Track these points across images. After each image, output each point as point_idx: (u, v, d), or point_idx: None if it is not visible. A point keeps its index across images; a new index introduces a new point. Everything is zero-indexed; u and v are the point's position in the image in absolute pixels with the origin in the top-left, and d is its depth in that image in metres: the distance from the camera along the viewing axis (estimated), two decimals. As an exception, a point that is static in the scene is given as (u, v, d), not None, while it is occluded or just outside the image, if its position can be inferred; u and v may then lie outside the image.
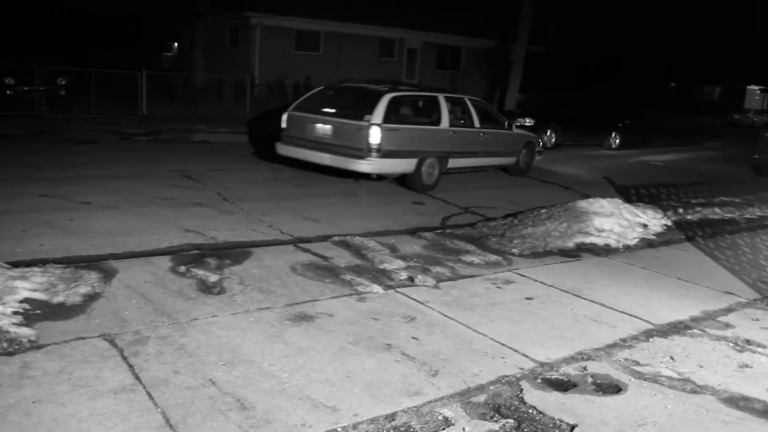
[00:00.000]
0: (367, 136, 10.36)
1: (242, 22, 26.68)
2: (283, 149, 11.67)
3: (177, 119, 18.15)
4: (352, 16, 27.40)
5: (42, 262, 5.80)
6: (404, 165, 10.97)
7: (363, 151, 10.40)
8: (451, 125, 11.78)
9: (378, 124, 10.37)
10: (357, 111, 10.88)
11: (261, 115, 18.52)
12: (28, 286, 5.12)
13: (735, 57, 50.79)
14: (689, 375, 4.51)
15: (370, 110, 10.50)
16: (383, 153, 10.47)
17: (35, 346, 4.21)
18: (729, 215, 10.66)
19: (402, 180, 11.47)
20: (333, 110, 11.40)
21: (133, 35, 32.27)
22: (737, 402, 4.17)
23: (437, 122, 11.59)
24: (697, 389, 4.31)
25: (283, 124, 11.73)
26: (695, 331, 5.40)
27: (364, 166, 10.48)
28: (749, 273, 7.36)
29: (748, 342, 5.23)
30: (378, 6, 28.52)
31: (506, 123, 13.48)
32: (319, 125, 11.08)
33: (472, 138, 12.34)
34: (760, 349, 5.09)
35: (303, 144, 11.24)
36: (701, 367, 4.67)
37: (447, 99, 12.01)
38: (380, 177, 11.37)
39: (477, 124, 12.41)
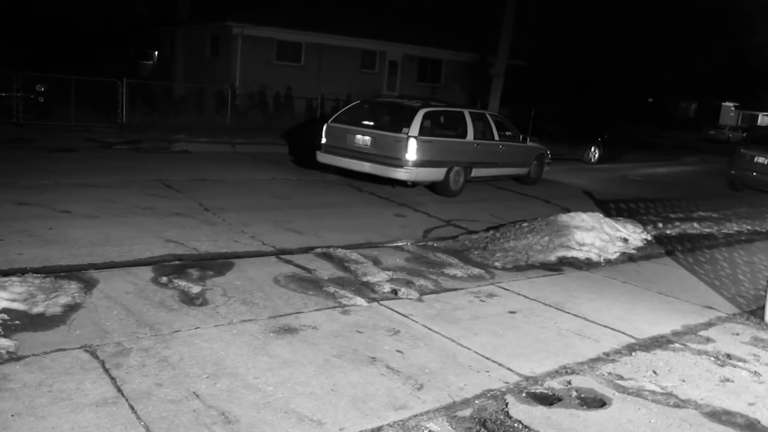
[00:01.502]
0: (405, 146, 11.42)
1: (223, 32, 26.62)
2: (324, 158, 12.58)
3: (157, 128, 18.01)
4: (334, 28, 27.47)
5: (21, 272, 5.71)
6: (436, 174, 12.07)
7: (401, 160, 11.46)
8: (475, 138, 12.94)
9: (415, 137, 11.45)
10: (394, 124, 11.96)
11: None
12: (7, 296, 5.04)
13: (711, 73, 51.61)
14: (672, 389, 4.54)
15: (408, 123, 11.59)
16: (419, 162, 11.53)
17: (14, 357, 4.14)
18: (707, 230, 10.79)
19: (431, 187, 12.54)
20: (371, 123, 12.35)
21: (113, 43, 32.05)
22: (720, 416, 4.20)
23: (463, 135, 12.73)
24: (680, 403, 4.33)
25: (323, 135, 12.56)
26: (677, 345, 5.44)
27: (402, 174, 11.53)
28: (728, 287, 7.44)
29: (728, 356, 5.27)
30: (359, 18, 28.64)
31: (521, 136, 14.61)
32: (359, 136, 12.02)
33: (493, 150, 13.54)
34: (740, 364, 5.14)
35: (343, 153, 12.20)
36: (684, 381, 4.70)
37: (471, 114, 13.14)
38: (414, 184, 12.22)
39: (496, 137, 13.59)
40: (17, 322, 4.67)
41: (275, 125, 20.94)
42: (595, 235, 8.58)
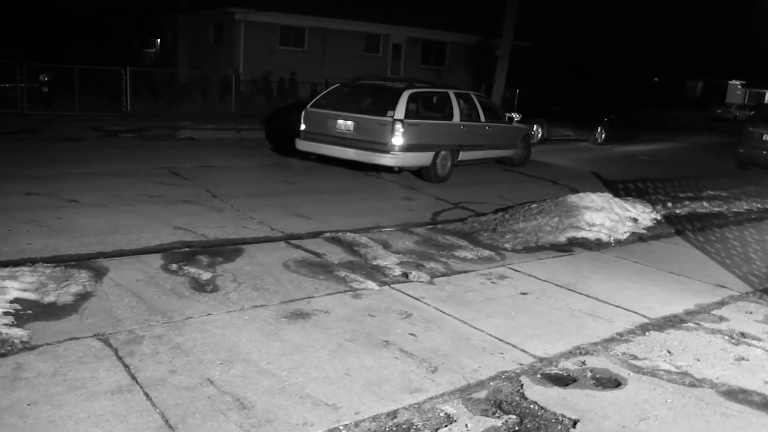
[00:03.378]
0: (390, 131, 10.81)
1: (226, 18, 26.49)
2: (304, 145, 11.90)
3: (161, 116, 17.97)
4: (337, 12, 27.30)
5: (31, 262, 5.71)
6: (423, 158, 11.49)
7: (387, 145, 10.85)
8: (462, 120, 12.42)
9: (401, 120, 10.82)
10: (378, 107, 11.39)
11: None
12: (18, 286, 5.04)
13: (717, 52, 51.20)
14: (687, 368, 4.51)
15: (392, 106, 10.95)
16: (405, 147, 10.92)
17: (28, 347, 4.13)
18: (717, 209, 10.73)
19: (417, 172, 11.95)
20: (353, 106, 11.76)
21: (115, 32, 31.93)
22: (736, 395, 4.17)
23: (449, 117, 12.19)
24: (696, 383, 4.31)
25: (302, 121, 11.91)
26: (690, 324, 5.41)
27: (389, 159, 10.93)
28: (740, 266, 7.39)
29: (743, 335, 5.24)
30: (363, 1, 28.43)
31: (507, 117, 14.22)
32: (341, 121, 11.38)
33: (479, 132, 13.02)
34: (755, 342, 5.11)
35: (324, 140, 11.55)
36: (698, 360, 4.68)
37: (456, 95, 12.55)
38: (400, 170, 11.73)
39: (482, 118, 13.06)
40: (29, 311, 4.66)
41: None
42: (605, 215, 8.53)
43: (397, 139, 10.81)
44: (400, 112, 10.88)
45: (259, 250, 6.57)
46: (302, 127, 11.87)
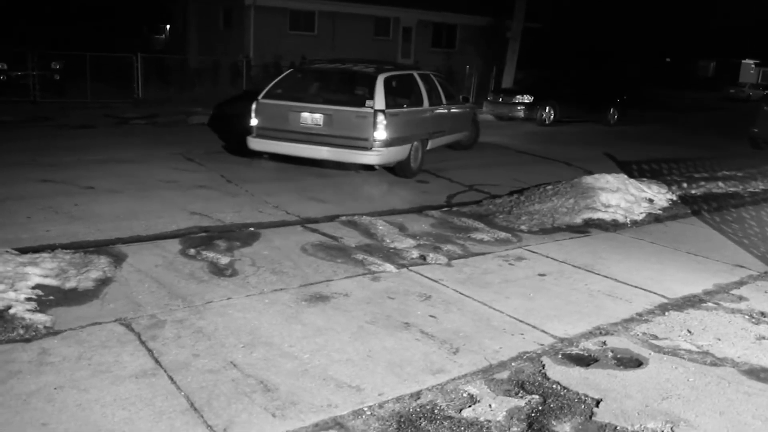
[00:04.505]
0: (372, 123, 9.30)
1: (236, 3, 26.40)
2: (259, 144, 10.05)
3: (173, 102, 18.01)
4: (346, -5, 27.17)
5: (50, 248, 5.74)
6: (402, 152, 10.03)
7: (368, 141, 9.35)
8: (430, 105, 11.11)
9: (382, 110, 9.36)
10: (351, 96, 9.98)
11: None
12: (39, 272, 5.07)
13: (729, 31, 50.62)
14: (708, 348, 4.50)
15: (370, 94, 9.54)
16: (389, 141, 9.50)
17: (51, 332, 4.17)
18: (732, 189, 10.65)
19: (391, 170, 10.45)
20: (318, 96, 10.23)
21: (125, 18, 31.93)
22: (758, 374, 4.16)
23: (419, 103, 10.83)
24: (717, 362, 4.30)
25: (253, 115, 10.02)
26: (710, 304, 5.38)
27: (372, 157, 9.48)
28: (757, 246, 7.34)
29: (763, 314, 5.22)
30: (372, -16, 28.27)
31: (461, 97, 13.08)
32: (306, 114, 9.67)
33: (443, 116, 11.78)
34: (775, 321, 5.08)
35: (286, 136, 9.77)
36: (719, 339, 4.66)
37: (420, 76, 11.29)
38: (376, 168, 10.34)
39: (444, 101, 11.77)
40: (51, 297, 4.70)
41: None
42: (621, 196, 8.49)
43: (380, 133, 9.30)
44: (380, 101, 9.41)
45: (276, 234, 6.59)
46: (254, 122, 10.01)
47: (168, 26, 35.46)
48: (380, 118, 9.29)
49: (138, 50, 19.29)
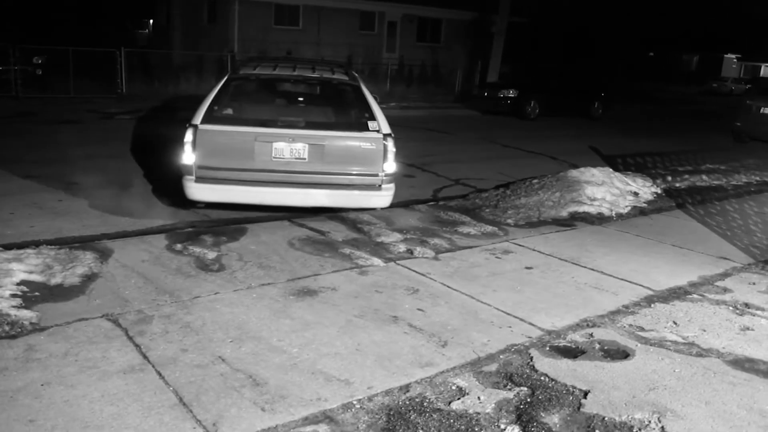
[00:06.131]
0: (382, 153, 6.93)
1: (219, -3, 26.29)
2: (205, 191, 6.79)
3: (157, 97, 17.89)
4: (331, -11, 27.09)
5: (35, 244, 5.71)
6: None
7: (377, 177, 6.97)
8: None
9: (391, 135, 7.00)
10: (339, 116, 7.52)
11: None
12: (24, 268, 5.04)
13: (712, 26, 51.00)
14: (693, 339, 4.54)
15: (367, 112, 7.15)
16: (395, 175, 7.19)
17: (37, 328, 4.14)
18: (716, 182, 10.75)
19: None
20: (289, 117, 7.23)
21: (108, 12, 31.66)
22: (742, 364, 4.21)
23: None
24: (703, 352, 4.34)
25: (190, 149, 6.67)
26: (695, 296, 5.43)
27: (383, 198, 7.08)
28: (741, 238, 7.41)
29: (747, 305, 5.27)
30: (357, -22, 28.21)
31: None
32: (281, 144, 6.76)
33: None
34: (759, 312, 5.13)
35: (250, 178, 6.78)
36: (704, 331, 4.70)
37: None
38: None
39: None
40: (37, 293, 4.67)
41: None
42: (606, 189, 8.54)
43: (390, 165, 6.98)
44: (384, 122, 7.07)
45: (263, 229, 6.57)
46: (190, 159, 6.66)
47: (151, 21, 35.20)
48: (391, 145, 6.95)
49: (121, 45, 19.13)
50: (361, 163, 6.98)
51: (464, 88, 25.49)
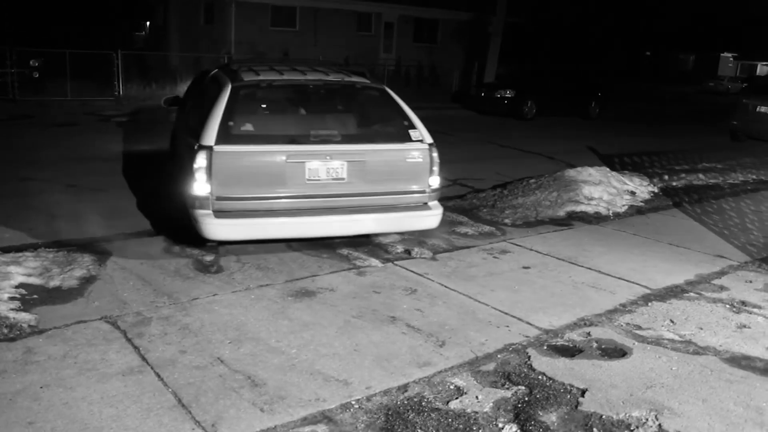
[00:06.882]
0: (428, 166, 6.06)
1: (217, -1, 26.28)
2: (228, 228, 5.50)
3: (154, 99, 17.82)
4: (328, -10, 27.09)
5: (33, 247, 5.72)
6: None
7: (425, 194, 6.11)
8: None
9: (434, 143, 6.16)
10: (372, 126, 6.54)
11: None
12: (22, 271, 5.05)
13: (708, 25, 51.10)
14: (690, 337, 4.56)
15: (404, 119, 6.20)
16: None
17: (36, 331, 4.16)
18: (713, 181, 10.77)
19: None
20: (317, 132, 5.91)
21: (105, 14, 31.65)
22: (739, 361, 4.23)
23: None
24: (700, 350, 4.36)
25: (204, 178, 5.43)
26: (692, 294, 5.45)
27: (433, 218, 6.14)
28: (737, 236, 7.44)
29: (743, 303, 5.29)
30: (354, -21, 28.21)
31: None
32: (314, 163, 5.70)
33: None
34: (756, 310, 5.15)
35: (279, 207, 5.67)
36: (701, 329, 4.72)
37: None
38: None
39: None
40: (35, 296, 4.68)
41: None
42: (603, 188, 8.56)
43: (435, 179, 6.14)
44: (423, 128, 6.18)
45: (261, 231, 6.57)
46: (205, 189, 5.45)
47: (148, 23, 35.19)
48: (436, 156, 6.09)
49: (118, 47, 19.12)
50: (406, 179, 6.06)
51: (461, 88, 25.50)
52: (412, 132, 6.10)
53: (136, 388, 3.52)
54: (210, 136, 5.47)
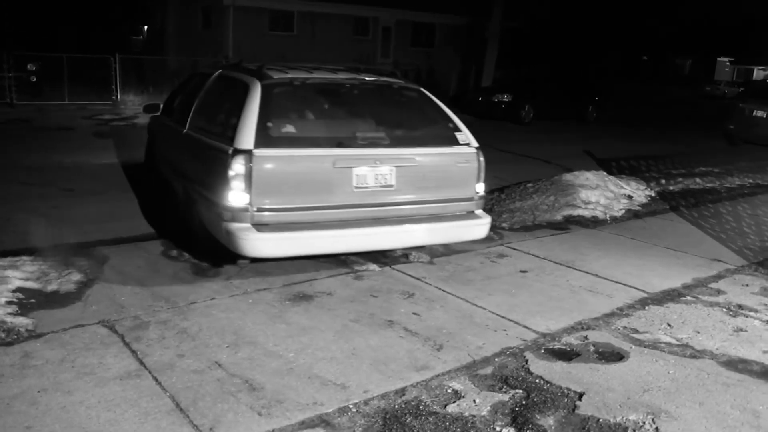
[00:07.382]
0: (476, 171, 5.85)
1: (214, 3, 26.27)
2: (274, 244, 5.00)
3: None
4: (325, -5, 27.13)
5: (30, 251, 5.70)
6: None
7: (472, 201, 5.90)
8: None
9: (480, 147, 5.93)
10: (416, 129, 5.91)
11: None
12: (20, 275, 5.04)
13: (705, 29, 51.24)
14: (687, 341, 4.57)
15: (449, 123, 5.92)
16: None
17: (34, 335, 4.15)
18: (710, 185, 10.80)
19: None
20: (364, 134, 5.51)
21: (103, 18, 31.66)
22: (736, 365, 4.24)
23: None
24: (697, 354, 4.37)
25: (243, 187, 4.91)
26: (688, 298, 5.47)
27: (483, 227, 5.91)
28: (734, 240, 7.46)
29: (740, 307, 5.31)
30: (351, -16, 28.24)
31: None
32: (363, 169, 5.26)
33: None
34: (752, 314, 5.17)
35: (330, 218, 5.22)
36: (698, 332, 4.74)
37: None
38: None
39: None
40: (32, 300, 4.68)
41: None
42: (600, 193, 8.58)
43: (481, 185, 5.95)
44: (466, 131, 5.93)
45: (259, 235, 6.57)
46: (243, 200, 4.93)
47: (146, 27, 35.21)
48: (483, 161, 5.88)
49: (116, 51, 19.14)
50: (454, 186, 5.75)
51: (459, 92, 25.55)
52: (458, 135, 5.81)
53: (133, 392, 3.52)
54: (247, 138, 4.93)
